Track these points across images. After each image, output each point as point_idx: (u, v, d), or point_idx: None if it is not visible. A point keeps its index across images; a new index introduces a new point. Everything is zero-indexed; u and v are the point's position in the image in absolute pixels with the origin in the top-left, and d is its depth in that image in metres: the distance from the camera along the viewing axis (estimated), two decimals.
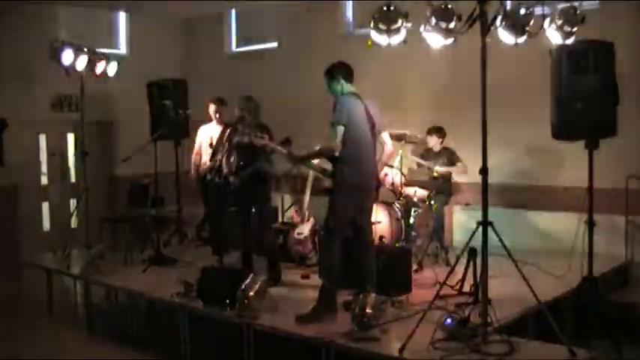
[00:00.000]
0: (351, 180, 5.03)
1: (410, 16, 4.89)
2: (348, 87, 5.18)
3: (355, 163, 5.04)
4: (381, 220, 6.83)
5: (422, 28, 4.62)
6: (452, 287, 5.39)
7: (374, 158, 5.23)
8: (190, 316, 5.44)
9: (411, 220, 7.01)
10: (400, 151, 7.19)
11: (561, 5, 4.98)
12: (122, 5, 10.31)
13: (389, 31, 4.87)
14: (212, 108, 7.49)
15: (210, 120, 7.58)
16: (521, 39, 4.41)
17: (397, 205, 7.06)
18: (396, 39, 4.94)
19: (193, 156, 7.69)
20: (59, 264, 7.08)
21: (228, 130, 6.43)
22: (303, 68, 9.52)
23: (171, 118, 7.49)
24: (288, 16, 9.86)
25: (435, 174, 7.00)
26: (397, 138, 7.15)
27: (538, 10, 4.66)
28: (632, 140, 6.34)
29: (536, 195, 7.65)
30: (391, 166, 7.09)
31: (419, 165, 7.41)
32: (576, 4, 5.00)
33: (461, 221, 8.03)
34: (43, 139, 9.96)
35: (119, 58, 8.06)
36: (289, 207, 8.37)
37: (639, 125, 6.48)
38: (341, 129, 4.89)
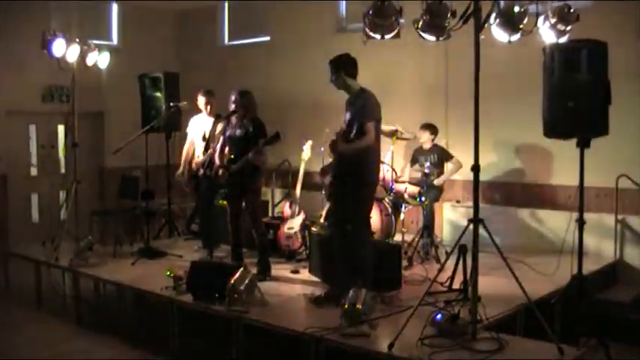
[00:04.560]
0: (375, 178, 5.21)
1: (404, 12, 4.87)
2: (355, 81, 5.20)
3: (377, 161, 5.22)
4: (370, 215, 6.82)
5: (416, 25, 4.60)
6: (442, 284, 5.39)
7: None
8: (179, 310, 5.42)
9: (401, 217, 7.01)
10: (391, 147, 7.18)
11: (555, 3, 4.97)
12: None
13: (383, 27, 4.86)
14: (202, 100, 7.42)
15: (200, 111, 7.54)
16: (515, 37, 4.42)
17: (387, 200, 7.06)
18: (390, 35, 4.92)
19: (185, 147, 7.64)
20: (48, 256, 7.03)
21: (222, 123, 6.40)
22: (296, 63, 9.50)
23: (163, 111, 7.44)
24: (281, 10, 9.81)
25: (427, 170, 6.98)
26: (389, 134, 7.15)
27: (532, 8, 4.66)
28: (623, 140, 6.34)
29: (526, 193, 7.66)
30: (382, 162, 7.08)
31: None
32: (570, 2, 5.00)
33: (451, 218, 8.04)
34: (33, 130, 9.90)
35: (111, 50, 7.99)
36: (280, 201, 8.35)
37: (630, 125, 6.52)
38: (372, 124, 4.92)
